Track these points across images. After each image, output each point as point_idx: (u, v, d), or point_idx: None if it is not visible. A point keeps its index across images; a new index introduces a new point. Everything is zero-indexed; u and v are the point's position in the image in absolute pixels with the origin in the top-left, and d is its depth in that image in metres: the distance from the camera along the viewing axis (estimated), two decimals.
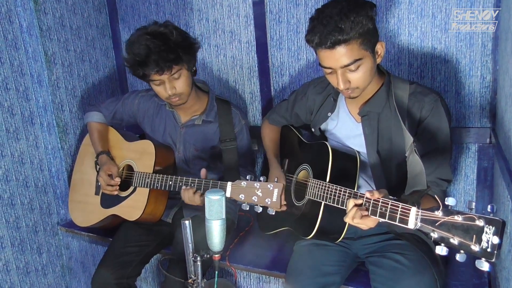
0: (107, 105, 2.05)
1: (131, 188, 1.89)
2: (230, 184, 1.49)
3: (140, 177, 1.84)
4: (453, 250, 0.98)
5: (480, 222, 0.92)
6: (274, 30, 2.10)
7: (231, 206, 1.93)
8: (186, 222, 1.21)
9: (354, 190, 1.32)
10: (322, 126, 1.67)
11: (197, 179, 1.65)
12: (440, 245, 0.99)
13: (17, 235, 2.16)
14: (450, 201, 0.98)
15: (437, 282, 1.34)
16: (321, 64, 1.36)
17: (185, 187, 1.66)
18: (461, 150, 1.83)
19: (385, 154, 1.48)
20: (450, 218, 0.97)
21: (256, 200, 1.45)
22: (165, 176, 1.76)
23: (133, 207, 1.86)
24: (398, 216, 1.10)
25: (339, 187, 1.36)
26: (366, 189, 1.54)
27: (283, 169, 1.75)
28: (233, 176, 1.72)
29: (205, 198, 1.17)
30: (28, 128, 2.17)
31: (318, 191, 1.45)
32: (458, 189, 1.87)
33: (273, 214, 1.45)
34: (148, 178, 1.81)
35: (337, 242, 1.54)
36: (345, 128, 1.59)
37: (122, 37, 2.54)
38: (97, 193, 2.03)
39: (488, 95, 1.74)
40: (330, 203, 1.39)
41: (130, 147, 1.97)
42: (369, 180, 1.56)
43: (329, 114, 1.62)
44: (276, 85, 2.19)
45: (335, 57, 1.30)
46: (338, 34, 1.25)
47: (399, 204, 1.10)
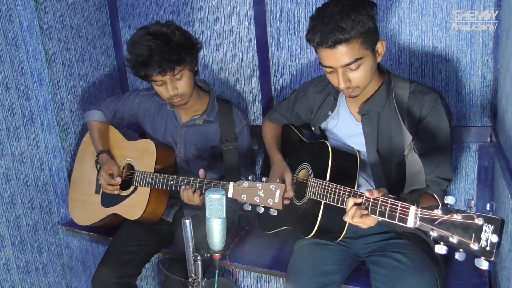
0: (108, 103, 2.05)
1: (132, 187, 1.89)
2: (232, 184, 1.48)
3: (141, 176, 1.84)
4: (452, 249, 0.98)
5: (479, 221, 0.92)
6: (274, 29, 2.10)
7: (232, 205, 1.93)
8: (187, 221, 1.21)
9: (353, 189, 1.31)
10: (322, 125, 1.67)
11: (198, 179, 1.64)
12: (439, 244, 0.99)
13: (17, 234, 2.17)
14: (450, 199, 0.98)
15: (437, 281, 1.34)
16: (321, 63, 1.36)
17: (184, 187, 1.65)
18: (461, 149, 1.83)
19: (385, 153, 1.48)
20: (449, 216, 0.97)
21: (258, 200, 1.44)
22: (166, 175, 1.75)
23: (134, 207, 1.86)
24: (398, 215, 1.10)
25: (339, 186, 1.36)
26: (366, 188, 1.53)
27: None
28: (234, 176, 1.72)
29: (205, 197, 1.17)
30: (28, 127, 2.18)
31: (318, 190, 1.45)
32: (458, 188, 1.87)
33: (274, 214, 1.44)
34: (149, 177, 1.81)
35: (337, 241, 1.54)
36: (345, 127, 1.59)
37: (123, 36, 2.55)
38: (97, 192, 2.03)
39: (489, 94, 1.74)
40: (330, 202, 1.39)
41: (131, 146, 1.97)
42: (369, 179, 1.56)
43: (329, 113, 1.62)
44: (276, 84, 2.18)
45: (336, 56, 1.29)
46: (339, 33, 1.25)
47: (399, 203, 1.10)
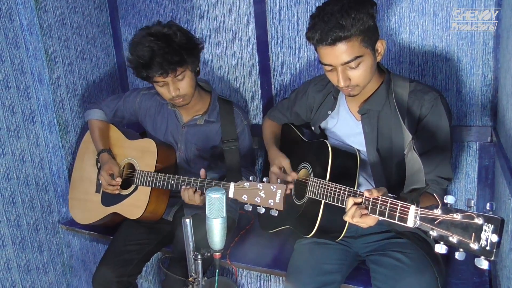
0: (108, 102, 2.05)
1: (133, 186, 1.89)
2: (233, 184, 1.48)
3: (141, 175, 1.84)
4: (452, 248, 0.97)
5: (479, 220, 0.91)
6: (275, 28, 2.10)
7: (232, 205, 1.93)
8: (187, 221, 1.21)
9: (353, 189, 1.31)
10: (322, 124, 1.67)
11: (199, 179, 1.64)
12: (439, 243, 0.99)
13: (18, 233, 2.17)
14: (449, 199, 0.98)
15: (437, 281, 1.34)
16: (321, 61, 1.36)
17: (185, 187, 1.65)
18: (462, 149, 1.83)
19: (385, 152, 1.48)
20: (449, 216, 0.97)
21: (259, 201, 1.44)
22: (167, 175, 1.75)
23: (134, 206, 1.86)
24: (397, 214, 1.10)
25: (339, 186, 1.36)
26: (366, 187, 1.53)
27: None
28: (235, 176, 1.72)
29: (205, 196, 1.17)
30: (29, 126, 2.18)
31: (318, 190, 1.45)
32: (459, 187, 1.87)
33: (275, 215, 1.44)
34: (150, 177, 1.81)
35: (337, 241, 1.54)
36: (345, 126, 1.58)
37: (123, 35, 2.55)
38: (97, 190, 2.03)
39: (489, 94, 1.73)
40: (330, 202, 1.38)
41: (132, 145, 1.97)
42: (369, 178, 1.56)
43: (329, 112, 1.62)
44: (277, 83, 2.18)
45: (336, 54, 1.29)
46: (339, 31, 1.25)
47: (398, 202, 1.10)
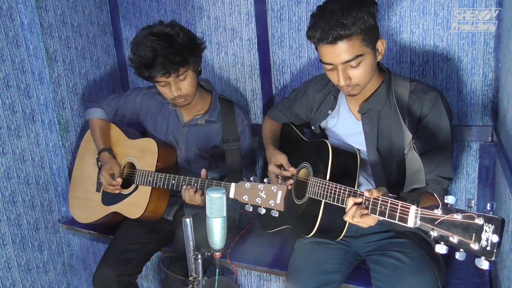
0: (109, 101, 2.05)
1: (133, 186, 1.89)
2: (234, 185, 1.48)
3: (142, 175, 1.84)
4: (452, 248, 0.97)
5: (479, 221, 0.91)
6: (275, 28, 2.09)
7: (232, 204, 1.92)
8: (187, 220, 1.21)
9: (353, 189, 1.31)
10: (322, 124, 1.66)
11: (200, 179, 1.64)
12: (439, 243, 0.99)
13: (18, 233, 2.17)
14: (450, 199, 0.98)
15: (438, 281, 1.33)
16: (322, 60, 1.36)
17: (186, 187, 1.65)
18: (462, 148, 1.83)
19: (385, 152, 1.48)
20: (449, 216, 0.96)
21: (259, 202, 1.44)
22: (167, 175, 1.75)
23: (135, 205, 1.86)
24: (398, 214, 1.10)
25: (339, 186, 1.36)
26: (366, 187, 1.53)
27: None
28: (236, 176, 1.72)
29: (206, 196, 1.17)
30: (29, 125, 2.18)
31: (318, 190, 1.45)
32: (459, 187, 1.87)
33: (276, 216, 1.44)
34: (150, 176, 1.81)
35: (338, 240, 1.54)
36: (345, 126, 1.58)
37: (123, 34, 2.54)
38: (98, 190, 2.03)
39: (490, 94, 1.73)
40: (330, 202, 1.38)
41: (132, 145, 1.97)
42: (369, 178, 1.56)
43: (329, 111, 1.62)
44: (277, 83, 2.18)
45: (336, 52, 1.29)
46: (340, 29, 1.25)
47: (399, 202, 1.10)
